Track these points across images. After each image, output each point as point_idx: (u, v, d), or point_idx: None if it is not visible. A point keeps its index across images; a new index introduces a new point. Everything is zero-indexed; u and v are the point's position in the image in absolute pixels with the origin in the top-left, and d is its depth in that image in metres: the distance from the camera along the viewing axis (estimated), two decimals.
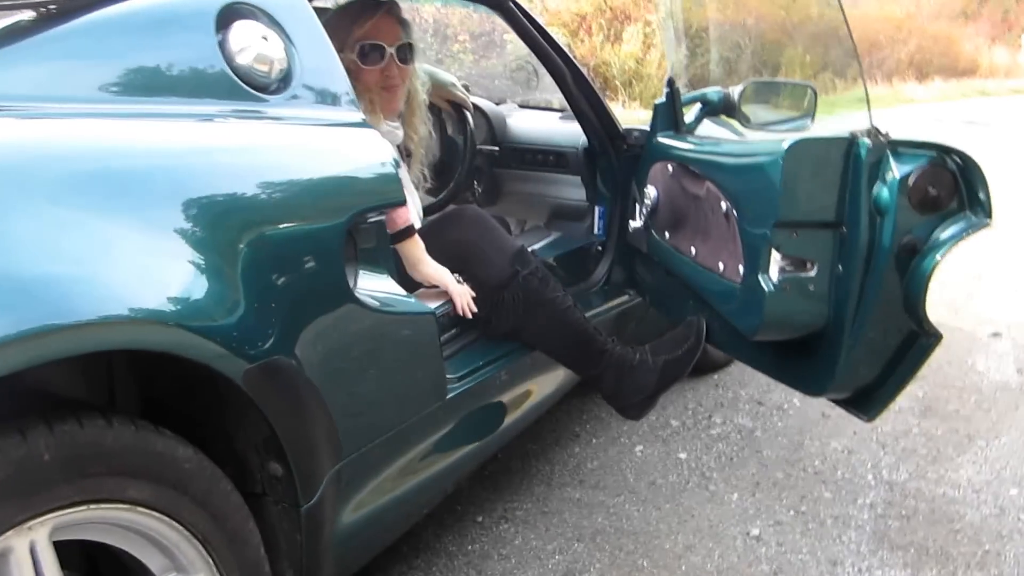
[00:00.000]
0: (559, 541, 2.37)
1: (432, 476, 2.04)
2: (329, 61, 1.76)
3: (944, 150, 1.88)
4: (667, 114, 2.50)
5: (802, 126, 2.32)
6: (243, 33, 1.60)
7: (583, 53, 12.22)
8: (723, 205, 2.13)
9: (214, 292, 1.31)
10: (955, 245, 1.87)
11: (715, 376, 3.39)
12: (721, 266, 2.17)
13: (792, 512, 2.52)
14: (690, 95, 2.55)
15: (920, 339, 1.99)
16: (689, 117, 2.57)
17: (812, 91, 2.35)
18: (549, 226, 3.03)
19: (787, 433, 2.99)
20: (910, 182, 1.86)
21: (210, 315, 1.29)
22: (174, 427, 1.36)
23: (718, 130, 2.77)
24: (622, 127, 2.79)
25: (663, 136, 2.49)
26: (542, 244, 2.83)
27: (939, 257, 1.87)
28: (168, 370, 1.35)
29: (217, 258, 1.33)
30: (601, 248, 2.88)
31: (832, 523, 2.47)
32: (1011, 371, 3.56)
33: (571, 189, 2.99)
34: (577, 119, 2.75)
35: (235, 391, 1.34)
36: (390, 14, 2.36)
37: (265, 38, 1.62)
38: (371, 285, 1.68)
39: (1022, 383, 3.44)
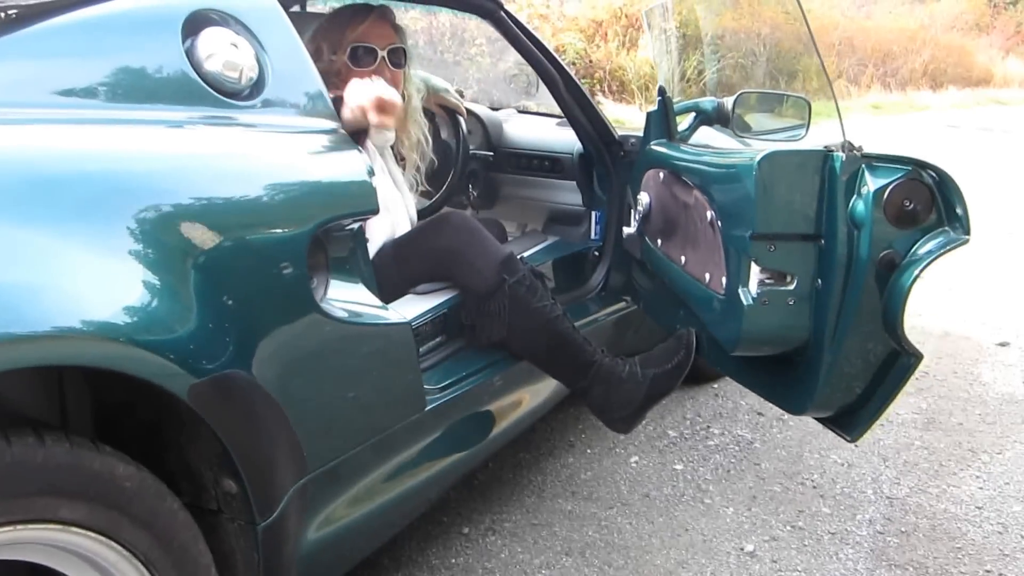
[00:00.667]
0: (547, 555, 2.32)
1: (414, 487, 1.99)
2: (303, 67, 1.72)
3: (920, 164, 1.85)
4: (660, 122, 2.46)
5: (796, 136, 2.27)
6: (211, 39, 1.56)
7: (599, 58, 12.22)
8: (708, 214, 2.08)
9: (160, 304, 1.26)
10: (933, 261, 1.84)
11: (715, 385, 3.34)
12: (707, 276, 2.13)
13: (788, 527, 2.47)
14: (683, 104, 2.52)
15: (901, 358, 1.94)
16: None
17: (806, 103, 2.31)
18: (547, 230, 3.00)
19: (787, 445, 2.93)
20: (885, 195, 1.83)
21: (153, 328, 1.24)
22: (131, 440, 1.33)
23: (721, 139, 2.72)
24: (618, 133, 2.76)
25: (655, 144, 2.45)
26: (539, 248, 2.79)
27: (917, 272, 1.83)
28: (120, 381, 1.31)
29: (166, 269, 1.29)
30: (598, 253, 2.84)
31: (829, 539, 2.42)
32: (1018, 383, 3.49)
33: (568, 194, 2.96)
34: (571, 125, 2.72)
35: (185, 405, 1.30)
36: (383, 18, 2.34)
37: (235, 44, 1.59)
38: (342, 295, 1.64)
39: None
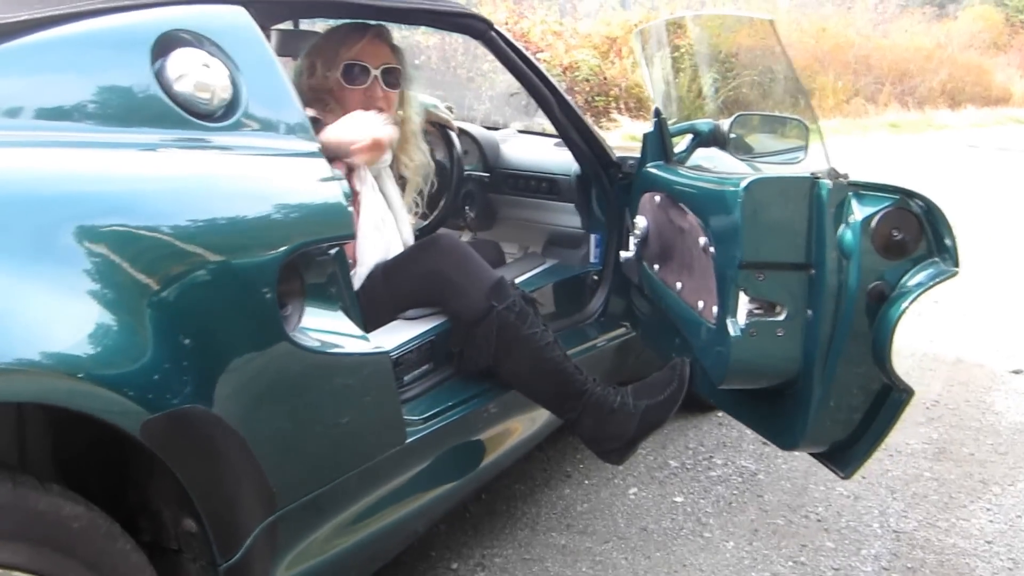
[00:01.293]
0: None
1: (398, 521, 1.93)
2: (279, 87, 1.67)
3: (907, 193, 1.82)
4: (655, 144, 2.41)
5: (794, 159, 2.21)
6: (182, 60, 1.52)
7: (613, 75, 12.20)
8: (702, 240, 2.02)
9: (111, 335, 1.22)
10: (923, 293, 1.80)
11: (720, 414, 3.24)
12: (700, 304, 2.07)
13: (791, 563, 2.38)
14: (679, 126, 2.46)
15: (892, 393, 1.89)
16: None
17: (803, 125, 2.25)
18: (546, 253, 2.94)
19: (791, 476, 2.85)
20: (872, 224, 1.79)
21: (102, 361, 1.20)
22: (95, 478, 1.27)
23: (723, 160, 2.65)
24: (616, 155, 2.69)
25: (651, 166, 2.39)
26: (536, 272, 2.72)
27: (906, 306, 1.79)
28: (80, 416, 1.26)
29: (119, 298, 1.24)
30: (597, 278, 2.78)
31: (833, 575, 2.33)
32: None
33: (567, 216, 2.90)
34: (568, 147, 2.66)
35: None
36: (381, 38, 2.30)
37: (207, 65, 1.55)
38: (318, 324, 1.58)
39: None
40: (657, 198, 2.31)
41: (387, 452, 1.81)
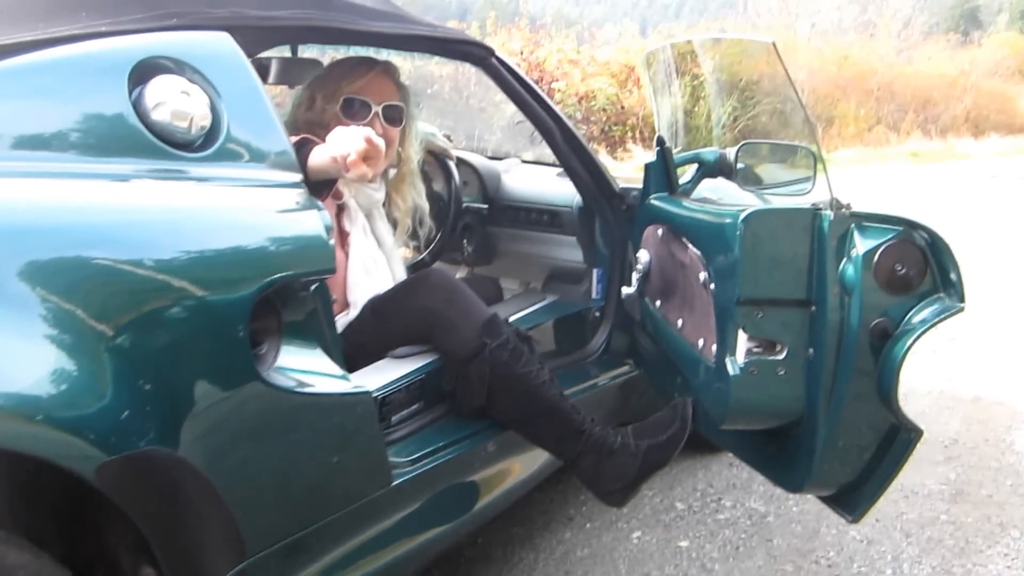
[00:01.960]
0: None
1: (385, 566, 1.86)
2: (263, 116, 1.62)
3: (911, 225, 1.76)
4: (659, 174, 2.33)
5: (802, 191, 2.12)
6: (161, 88, 1.47)
7: (631, 104, 12.19)
8: (702, 276, 1.95)
9: (67, 375, 1.16)
10: (927, 330, 1.73)
11: (729, 454, 3.15)
12: (701, 342, 1.99)
13: None
14: (683, 155, 2.38)
15: (900, 433, 1.81)
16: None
17: (812, 153, 2.17)
18: (546, 289, 2.85)
19: (803, 519, 2.74)
20: (875, 259, 1.73)
21: (56, 402, 1.13)
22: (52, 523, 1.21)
23: (730, 192, 2.57)
24: (619, 186, 2.61)
25: (655, 198, 2.32)
26: (535, 308, 2.64)
27: (910, 343, 1.72)
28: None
29: (77, 336, 1.19)
30: (599, 314, 2.69)
31: None
32: None
33: (568, 250, 2.81)
34: (569, 177, 2.58)
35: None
36: (386, 74, 2.26)
37: (186, 92, 1.49)
38: (295, 362, 1.52)
39: None
40: (660, 231, 2.24)
41: (371, 495, 1.74)
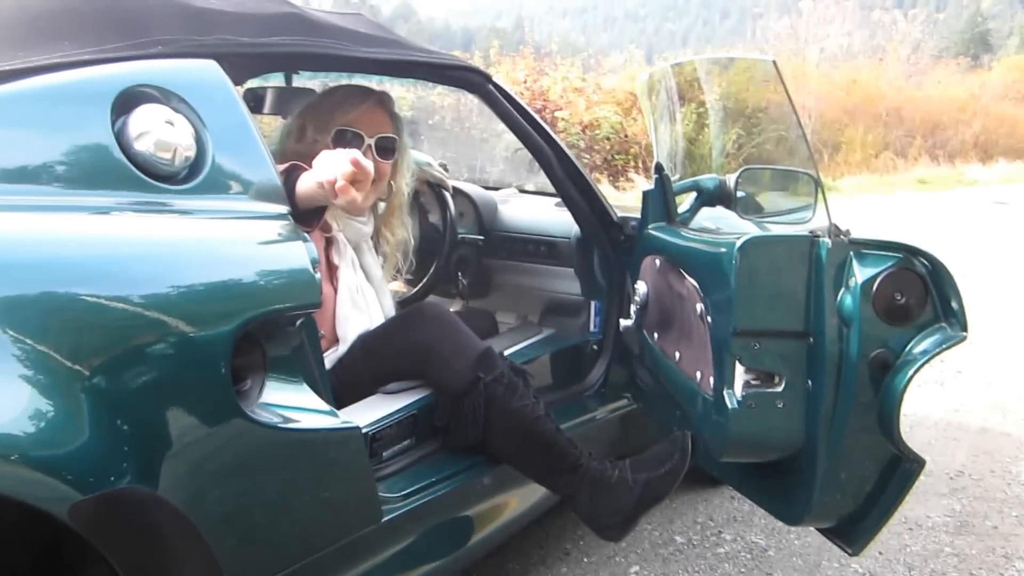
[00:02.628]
0: None
1: None
2: (250, 146, 1.59)
3: (911, 251, 1.72)
4: (657, 203, 2.29)
5: (802, 219, 2.08)
6: (144, 117, 1.44)
7: (636, 132, 12.15)
8: (699, 307, 1.91)
9: (41, 414, 1.14)
10: (929, 361, 1.69)
11: (730, 487, 3.09)
12: (699, 375, 1.95)
13: None
14: (682, 183, 2.33)
15: (903, 464, 1.77)
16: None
17: (813, 180, 2.13)
18: (543, 322, 2.80)
19: (804, 553, 2.69)
20: (874, 288, 1.69)
21: (28, 441, 1.11)
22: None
23: (731, 221, 2.53)
24: (617, 216, 2.57)
25: (653, 228, 2.28)
26: (531, 342, 2.59)
27: (911, 374, 1.68)
28: None
29: (50, 371, 1.16)
30: (597, 347, 2.64)
31: None
32: None
33: (566, 282, 2.77)
34: (567, 207, 2.54)
35: None
36: (380, 105, 2.21)
37: (170, 122, 1.47)
38: (281, 398, 1.48)
39: None
40: (657, 262, 2.21)
41: (361, 531, 1.71)
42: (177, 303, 1.32)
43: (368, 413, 1.93)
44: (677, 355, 2.10)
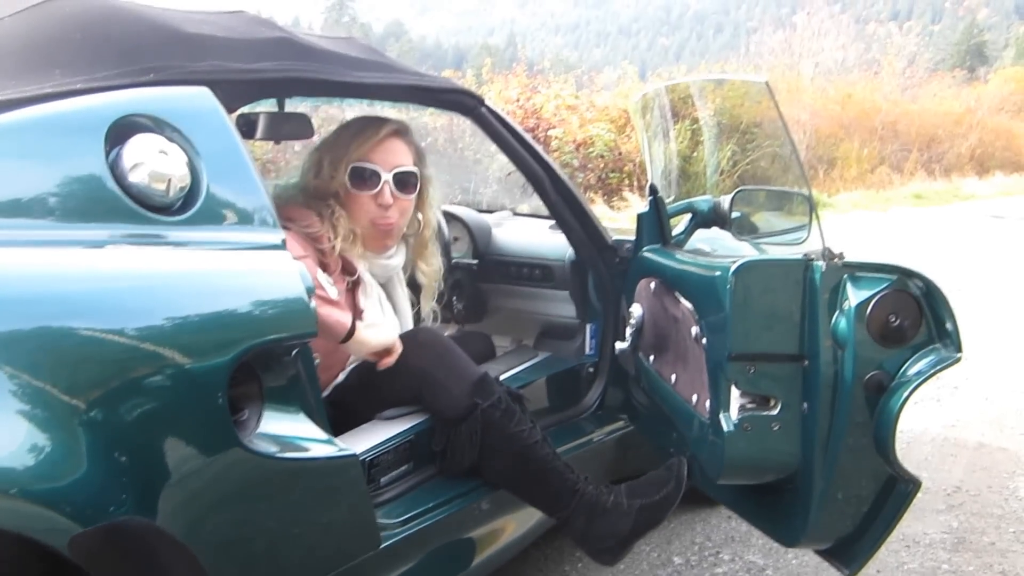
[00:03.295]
0: None
1: None
2: (244, 176, 1.59)
3: (906, 273, 1.74)
4: (651, 225, 2.30)
5: (797, 240, 2.09)
6: (138, 148, 1.44)
7: (630, 149, 12.16)
8: (694, 330, 1.92)
9: (39, 447, 1.15)
10: (924, 382, 1.71)
11: None
12: (695, 398, 1.96)
13: None
14: (677, 205, 2.35)
15: (898, 485, 1.79)
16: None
17: (807, 200, 2.14)
18: (539, 345, 2.80)
19: (802, 573, 2.69)
20: (868, 311, 1.70)
21: (27, 475, 1.12)
22: None
23: (726, 242, 2.54)
24: (612, 238, 2.57)
25: (647, 250, 2.29)
26: (527, 366, 2.60)
27: (906, 395, 1.70)
28: None
29: (47, 405, 1.18)
30: (593, 369, 2.65)
31: None
32: None
33: (561, 305, 2.78)
34: (561, 229, 2.55)
35: None
36: (398, 136, 2.16)
37: (164, 152, 1.47)
38: (278, 428, 1.49)
39: None
40: (652, 284, 2.22)
41: (359, 558, 1.72)
42: (173, 335, 1.33)
43: (365, 439, 1.94)
44: (673, 377, 2.11)
